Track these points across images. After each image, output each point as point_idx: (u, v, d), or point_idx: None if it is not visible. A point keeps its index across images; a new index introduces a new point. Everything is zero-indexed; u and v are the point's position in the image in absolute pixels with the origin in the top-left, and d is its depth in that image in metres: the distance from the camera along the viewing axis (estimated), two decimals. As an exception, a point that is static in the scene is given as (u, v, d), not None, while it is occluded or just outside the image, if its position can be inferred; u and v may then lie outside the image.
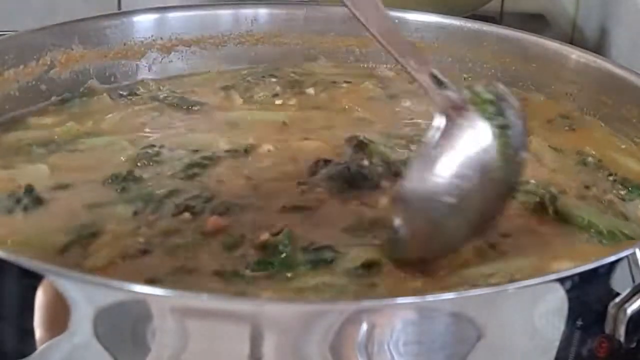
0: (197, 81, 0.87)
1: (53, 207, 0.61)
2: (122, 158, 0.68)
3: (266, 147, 0.70)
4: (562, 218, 0.61)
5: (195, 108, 0.80)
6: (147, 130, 0.75)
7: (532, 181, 0.65)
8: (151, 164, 0.67)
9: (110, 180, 0.64)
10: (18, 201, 0.61)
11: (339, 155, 0.69)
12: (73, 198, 0.62)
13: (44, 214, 0.60)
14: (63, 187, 0.63)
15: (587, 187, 0.66)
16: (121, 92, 0.83)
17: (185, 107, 0.80)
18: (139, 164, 0.67)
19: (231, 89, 0.84)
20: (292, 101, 0.82)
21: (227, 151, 0.69)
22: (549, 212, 0.61)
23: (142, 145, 0.70)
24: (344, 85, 0.86)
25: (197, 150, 0.69)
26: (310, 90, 0.84)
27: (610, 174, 0.68)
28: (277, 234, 0.56)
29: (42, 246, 0.55)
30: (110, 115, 0.77)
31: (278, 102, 0.82)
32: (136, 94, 0.83)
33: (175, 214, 0.59)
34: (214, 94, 0.83)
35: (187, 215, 0.59)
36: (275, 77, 0.87)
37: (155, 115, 0.78)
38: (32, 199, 0.61)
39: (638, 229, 0.61)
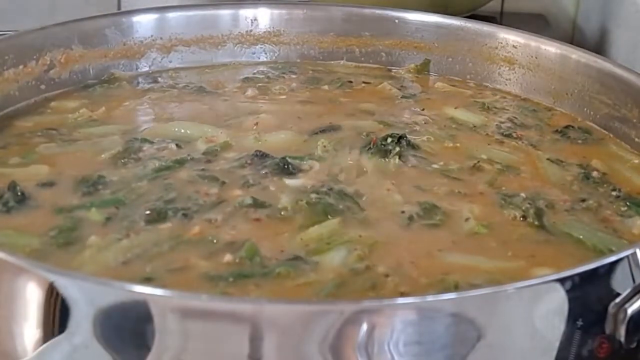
0: (219, 72, 0.89)
1: (30, 209, 0.61)
2: (103, 155, 0.68)
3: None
4: (548, 231, 0.61)
5: (209, 97, 0.82)
6: (149, 118, 0.77)
7: (522, 194, 0.65)
8: (129, 162, 0.67)
9: (82, 183, 0.64)
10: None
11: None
12: (49, 199, 0.62)
13: (21, 215, 0.60)
14: (44, 185, 0.64)
15: (582, 201, 0.65)
16: (142, 80, 0.85)
17: (199, 96, 0.82)
18: (117, 162, 0.67)
19: (250, 81, 0.86)
20: (304, 96, 0.84)
21: (203, 153, 0.69)
22: (534, 225, 0.61)
23: (131, 137, 0.71)
24: (362, 84, 0.87)
25: (180, 146, 0.70)
26: (325, 87, 0.86)
27: (614, 189, 0.67)
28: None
29: (12, 248, 0.54)
30: (126, 103, 0.79)
31: (292, 95, 0.83)
32: (157, 82, 0.85)
33: (149, 221, 0.59)
34: (232, 85, 0.85)
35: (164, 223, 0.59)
36: (295, 73, 0.89)
37: (166, 104, 0.80)
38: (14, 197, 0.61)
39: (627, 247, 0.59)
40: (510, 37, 0.87)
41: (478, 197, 0.64)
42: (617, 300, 0.48)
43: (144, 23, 0.88)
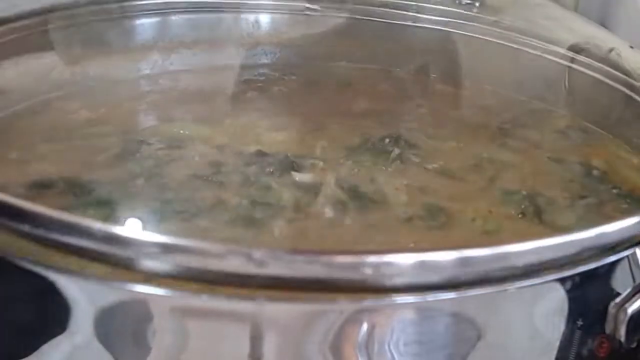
0: (220, 74, 0.89)
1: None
2: (101, 156, 0.68)
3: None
4: (549, 228, 0.61)
5: (209, 99, 0.82)
6: (148, 120, 0.78)
7: (523, 192, 0.65)
8: (128, 163, 0.67)
9: (79, 183, 0.63)
10: None
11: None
12: (44, 200, 0.61)
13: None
14: (40, 185, 0.63)
15: (583, 198, 0.65)
16: (143, 82, 0.85)
17: (199, 98, 0.82)
18: (114, 163, 0.67)
19: (250, 83, 0.86)
20: (304, 97, 0.84)
21: (203, 154, 0.69)
22: (534, 222, 0.61)
23: (129, 138, 0.71)
24: (362, 86, 0.87)
25: (179, 147, 0.70)
26: (325, 88, 0.86)
27: (615, 187, 0.67)
28: None
29: None
30: (126, 104, 0.80)
31: (292, 96, 0.84)
32: (158, 84, 0.85)
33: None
34: (232, 86, 0.85)
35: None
36: (295, 75, 0.89)
37: (166, 106, 0.80)
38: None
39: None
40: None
41: (481, 196, 0.65)
42: (617, 300, 0.48)
43: (145, 25, 0.88)
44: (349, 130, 0.75)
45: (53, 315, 0.45)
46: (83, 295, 0.45)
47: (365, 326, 0.43)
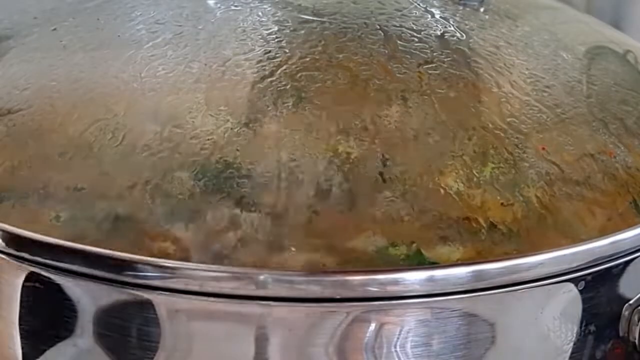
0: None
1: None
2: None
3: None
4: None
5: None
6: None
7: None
8: None
9: None
10: None
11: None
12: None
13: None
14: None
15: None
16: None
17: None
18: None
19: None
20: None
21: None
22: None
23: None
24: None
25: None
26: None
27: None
28: None
29: None
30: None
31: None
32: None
33: None
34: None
35: None
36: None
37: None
38: None
39: None
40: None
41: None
42: (631, 301, 0.48)
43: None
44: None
45: (57, 318, 0.45)
46: (87, 297, 0.44)
47: (372, 327, 0.43)
